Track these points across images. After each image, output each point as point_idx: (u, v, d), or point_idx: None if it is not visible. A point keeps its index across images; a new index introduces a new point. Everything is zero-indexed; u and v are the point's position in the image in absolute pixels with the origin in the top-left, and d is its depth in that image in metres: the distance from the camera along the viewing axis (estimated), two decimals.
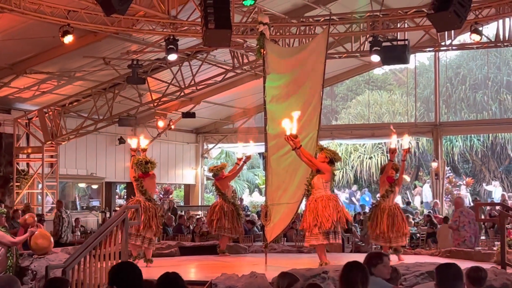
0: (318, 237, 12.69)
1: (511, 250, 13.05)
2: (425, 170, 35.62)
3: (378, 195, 15.76)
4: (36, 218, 13.50)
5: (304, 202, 13.50)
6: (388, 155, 16.07)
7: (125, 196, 30.68)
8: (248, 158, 16.86)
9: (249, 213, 26.35)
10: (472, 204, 26.57)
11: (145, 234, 13.77)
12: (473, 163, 36.35)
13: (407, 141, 15.35)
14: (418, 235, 22.05)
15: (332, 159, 13.11)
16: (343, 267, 5.65)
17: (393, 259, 14.18)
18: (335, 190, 32.42)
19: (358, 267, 5.55)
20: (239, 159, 16.79)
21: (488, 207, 22.24)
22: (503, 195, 27.24)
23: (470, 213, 16.74)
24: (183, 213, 25.76)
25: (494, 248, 14.90)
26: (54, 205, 23.86)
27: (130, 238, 13.49)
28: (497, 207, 19.26)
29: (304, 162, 12.92)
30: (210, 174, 18.70)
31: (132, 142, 14.73)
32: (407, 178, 17.19)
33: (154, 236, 14.07)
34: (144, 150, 14.69)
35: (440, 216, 24.38)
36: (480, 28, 18.46)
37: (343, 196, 34.82)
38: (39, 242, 12.73)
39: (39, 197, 24.13)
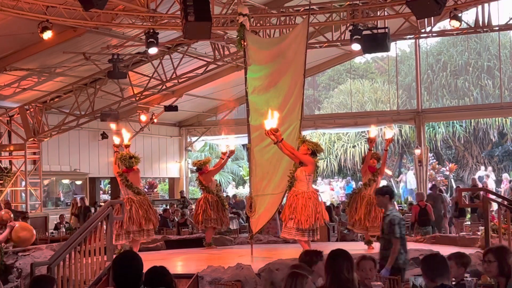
0: (291, 232, 12.76)
1: (495, 235, 13.14)
2: (408, 157, 35.77)
3: (360, 183, 15.83)
4: (12, 214, 13.41)
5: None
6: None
7: (110, 191, 30.63)
8: (231, 152, 16.87)
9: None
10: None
11: (148, 227, 13.88)
12: (456, 149, 36.53)
13: (390, 131, 15.43)
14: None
15: (314, 151, 13.15)
16: (327, 255, 5.65)
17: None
18: (319, 179, 32.61)
19: (343, 255, 5.54)
20: (224, 153, 16.78)
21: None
22: (473, 179, 27.27)
23: None
24: (167, 206, 25.70)
25: (479, 233, 15.02)
26: (38, 202, 23.78)
27: (135, 236, 13.64)
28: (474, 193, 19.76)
29: (287, 155, 12.96)
30: (194, 168, 18.68)
31: (115, 139, 14.72)
32: (389, 172, 17.41)
33: (153, 226, 14.24)
34: (127, 146, 14.69)
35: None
36: (460, 14, 18.51)
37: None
38: (22, 235, 12.69)
39: (23, 194, 24.02)
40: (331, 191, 34.25)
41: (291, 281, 5.99)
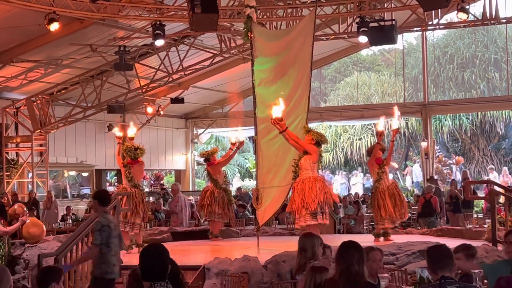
0: (306, 218, 12.80)
1: (501, 228, 13.13)
2: (415, 150, 35.70)
3: (371, 180, 15.86)
4: (25, 208, 13.50)
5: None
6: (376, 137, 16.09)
7: (116, 183, 30.65)
8: (241, 143, 16.88)
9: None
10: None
11: (134, 220, 13.86)
12: (462, 142, 36.42)
13: (396, 121, 15.41)
14: (409, 214, 22.10)
15: (319, 141, 13.18)
16: (339, 247, 5.63)
17: (380, 238, 14.37)
18: (324, 172, 32.61)
19: (354, 247, 5.52)
20: (233, 144, 16.78)
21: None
22: (464, 172, 27.09)
23: (186, 198, 18.36)
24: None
25: (485, 226, 15.01)
26: (45, 194, 23.81)
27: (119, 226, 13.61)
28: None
29: (291, 144, 13.00)
30: (202, 159, 18.70)
31: (117, 131, 14.72)
32: (395, 165, 17.75)
33: (142, 221, 14.18)
34: (132, 138, 14.70)
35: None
36: (467, 6, 18.45)
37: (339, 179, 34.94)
38: (32, 231, 12.75)
39: (29, 186, 24.07)
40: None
41: (311, 275, 6.00)
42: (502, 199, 14.75)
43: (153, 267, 5.09)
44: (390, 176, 16.24)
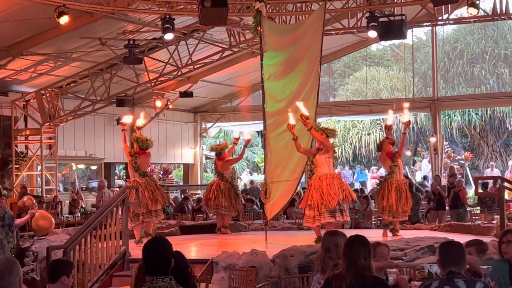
0: (325, 216, 12.81)
1: (510, 224, 13.11)
2: (423, 145, 35.63)
3: (385, 173, 15.80)
4: (34, 200, 13.56)
5: (304, 180, 13.63)
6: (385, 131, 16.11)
7: (124, 177, 30.71)
8: (247, 141, 16.96)
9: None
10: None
11: (156, 207, 14.00)
12: (471, 138, 36.31)
13: (407, 114, 15.39)
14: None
15: (327, 134, 13.27)
16: (345, 241, 5.64)
17: (389, 234, 14.36)
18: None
19: (360, 241, 5.52)
20: (236, 139, 16.89)
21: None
22: (451, 168, 26.93)
23: (111, 194, 18.29)
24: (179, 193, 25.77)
25: (494, 222, 14.99)
26: (54, 187, 23.89)
27: (144, 218, 13.76)
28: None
29: (319, 142, 13.08)
30: (212, 153, 18.75)
31: (126, 118, 14.76)
32: (407, 153, 17.84)
33: (161, 206, 14.39)
34: (139, 128, 14.74)
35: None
36: (477, 2, 18.37)
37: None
38: (40, 223, 12.83)
39: (38, 179, 24.14)
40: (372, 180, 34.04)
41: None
42: (507, 195, 14.71)
43: (155, 262, 5.05)
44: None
